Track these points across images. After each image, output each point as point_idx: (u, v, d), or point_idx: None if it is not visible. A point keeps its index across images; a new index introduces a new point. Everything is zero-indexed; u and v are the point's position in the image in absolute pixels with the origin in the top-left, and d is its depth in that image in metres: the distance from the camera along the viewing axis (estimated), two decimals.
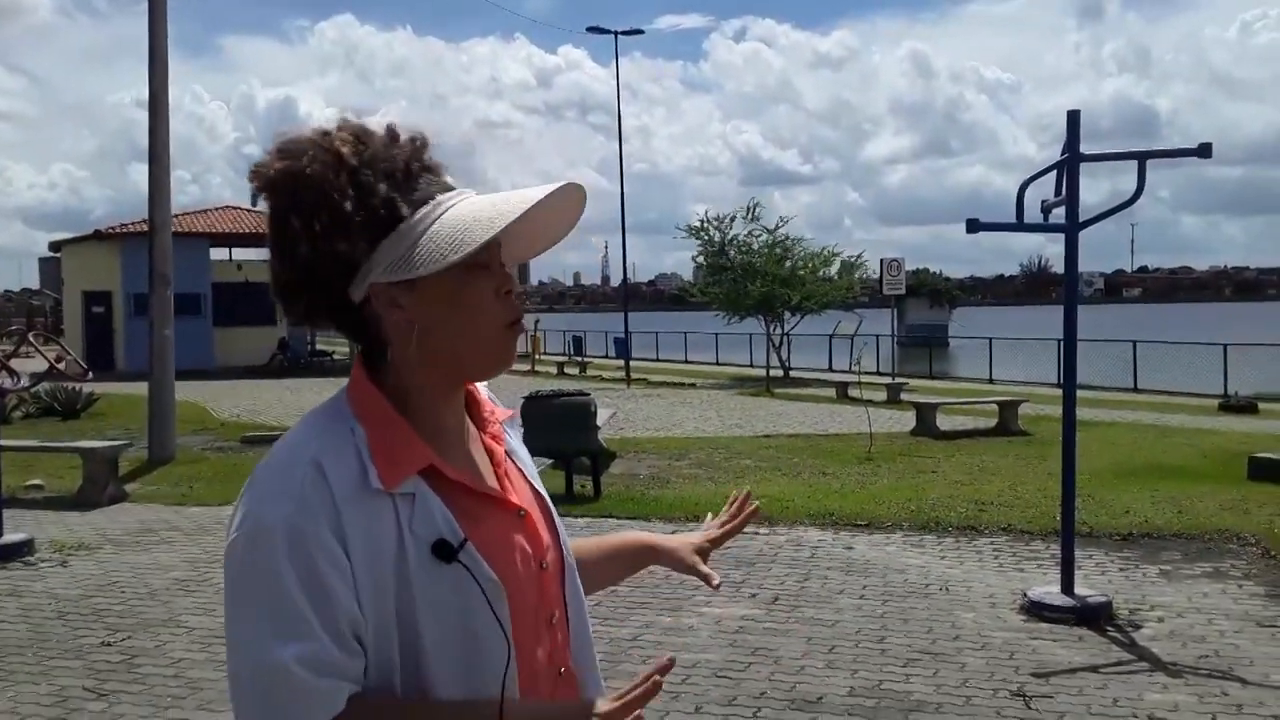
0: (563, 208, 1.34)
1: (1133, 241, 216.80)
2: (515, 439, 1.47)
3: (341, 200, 1.22)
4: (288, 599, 1.16)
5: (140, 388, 14.08)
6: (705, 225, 28.62)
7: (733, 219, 28.44)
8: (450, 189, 1.30)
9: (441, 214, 1.26)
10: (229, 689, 1.22)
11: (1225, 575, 6.67)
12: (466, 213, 1.26)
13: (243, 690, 1.20)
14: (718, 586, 1.64)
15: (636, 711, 1.21)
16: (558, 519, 1.43)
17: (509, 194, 1.30)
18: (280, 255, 1.27)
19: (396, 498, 1.22)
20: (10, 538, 7.47)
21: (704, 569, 1.65)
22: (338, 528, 1.18)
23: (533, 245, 1.39)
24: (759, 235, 28.26)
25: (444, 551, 1.22)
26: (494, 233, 1.23)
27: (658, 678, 1.20)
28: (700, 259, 29.44)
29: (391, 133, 1.29)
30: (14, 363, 8.53)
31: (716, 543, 1.69)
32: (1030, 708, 4.56)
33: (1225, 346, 23.69)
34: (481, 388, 1.45)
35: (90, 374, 10.77)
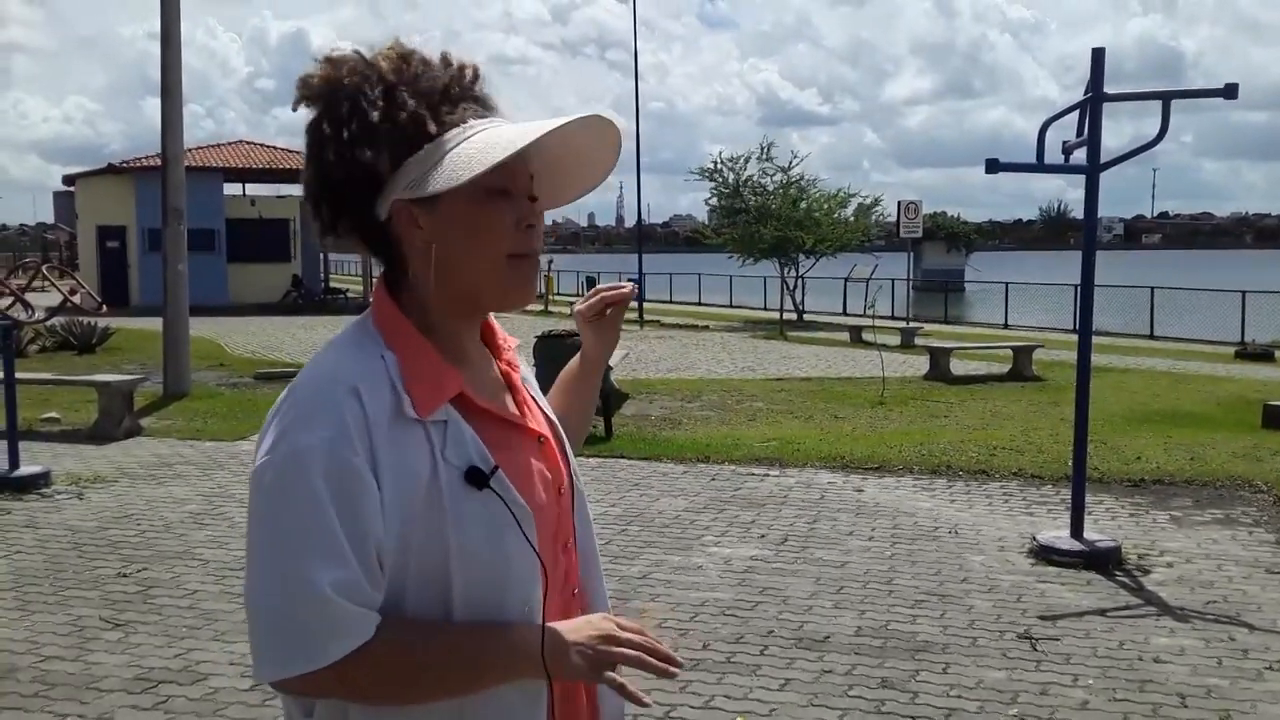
0: (598, 148, 1.35)
1: (1154, 187, 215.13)
2: (525, 367, 1.49)
3: (370, 110, 1.25)
4: (325, 525, 1.17)
5: (155, 323, 14.12)
6: (719, 167, 28.36)
7: (746, 160, 28.16)
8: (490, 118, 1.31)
9: (470, 136, 1.26)
10: (249, 616, 1.21)
11: (1235, 522, 6.66)
12: (492, 136, 1.26)
13: (271, 616, 1.19)
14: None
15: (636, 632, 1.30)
16: (568, 446, 1.46)
17: (539, 122, 1.30)
18: (311, 161, 1.30)
19: (429, 425, 1.24)
20: (27, 470, 7.55)
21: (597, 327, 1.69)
22: (372, 456, 1.19)
23: (568, 187, 1.40)
24: (773, 174, 28.02)
25: (477, 478, 1.24)
26: (509, 153, 1.23)
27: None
28: (714, 201, 29.22)
29: (443, 59, 1.31)
30: (29, 296, 8.56)
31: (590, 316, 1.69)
32: (1036, 650, 4.58)
33: (1244, 294, 23.47)
34: (493, 317, 1.46)
35: (104, 307, 10.83)
